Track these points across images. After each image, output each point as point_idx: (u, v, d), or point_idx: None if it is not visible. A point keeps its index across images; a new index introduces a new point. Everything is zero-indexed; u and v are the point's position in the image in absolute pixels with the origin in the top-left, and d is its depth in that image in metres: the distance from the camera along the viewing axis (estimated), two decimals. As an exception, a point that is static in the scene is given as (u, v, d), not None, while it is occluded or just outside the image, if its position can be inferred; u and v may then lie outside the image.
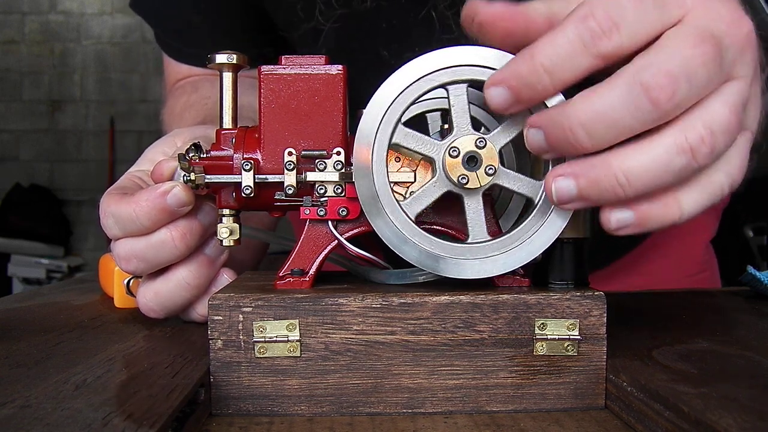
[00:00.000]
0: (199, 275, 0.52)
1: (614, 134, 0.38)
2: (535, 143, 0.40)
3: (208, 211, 0.51)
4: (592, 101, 0.38)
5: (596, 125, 0.38)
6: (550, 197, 0.40)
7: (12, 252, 3.82)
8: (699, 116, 0.38)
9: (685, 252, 0.93)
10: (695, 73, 0.37)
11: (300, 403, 0.42)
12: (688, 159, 0.37)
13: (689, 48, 0.37)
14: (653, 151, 0.38)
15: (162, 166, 0.51)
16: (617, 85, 0.37)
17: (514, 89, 0.39)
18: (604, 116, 0.37)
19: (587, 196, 0.39)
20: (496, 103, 0.40)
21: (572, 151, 0.39)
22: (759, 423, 0.32)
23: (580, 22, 0.38)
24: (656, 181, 0.38)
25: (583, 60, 0.38)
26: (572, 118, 0.38)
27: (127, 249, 0.51)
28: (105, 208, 0.51)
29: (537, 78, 0.39)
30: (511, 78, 0.39)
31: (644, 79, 0.37)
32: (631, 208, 0.39)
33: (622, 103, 0.37)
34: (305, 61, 0.46)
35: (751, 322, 0.57)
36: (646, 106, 0.37)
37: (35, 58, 4.12)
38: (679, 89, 0.37)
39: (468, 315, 0.42)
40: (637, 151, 0.38)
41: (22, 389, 0.38)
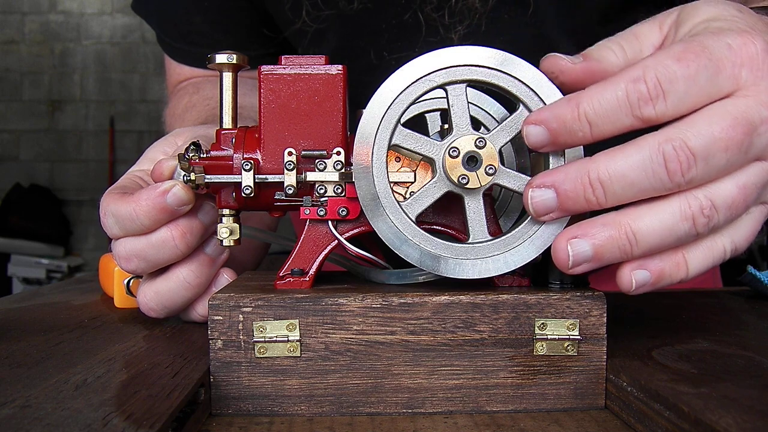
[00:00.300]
0: (200, 274, 0.52)
1: (629, 194, 0.39)
2: (541, 204, 0.41)
3: (209, 210, 0.51)
4: (615, 160, 0.39)
5: (614, 184, 0.39)
6: (564, 261, 0.41)
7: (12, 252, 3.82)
8: (706, 188, 0.39)
9: None
10: (715, 156, 0.38)
11: (300, 403, 0.42)
12: (689, 226, 0.39)
13: (718, 131, 0.38)
14: (660, 214, 0.39)
15: (162, 165, 0.50)
16: (641, 149, 0.39)
17: (553, 132, 0.41)
18: (624, 176, 0.39)
19: (601, 255, 0.40)
20: (533, 141, 0.41)
21: (584, 207, 0.40)
22: (759, 423, 0.32)
23: (631, 82, 0.39)
24: (662, 242, 0.40)
25: (625, 119, 0.39)
26: (593, 174, 0.39)
27: (127, 248, 0.51)
28: (105, 207, 0.51)
29: (578, 126, 0.40)
30: (553, 121, 0.40)
31: (667, 150, 0.38)
32: (647, 269, 0.41)
33: (641, 169, 0.38)
34: (305, 62, 0.46)
35: (751, 322, 0.57)
36: (662, 175, 0.38)
37: (35, 58, 4.13)
38: (695, 168, 0.38)
39: (468, 315, 0.42)
40: (645, 213, 0.39)
41: (22, 389, 0.38)
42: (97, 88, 4.15)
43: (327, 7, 0.71)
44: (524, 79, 0.43)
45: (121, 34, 4.14)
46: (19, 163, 4.14)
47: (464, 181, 0.43)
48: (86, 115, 4.16)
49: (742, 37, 0.40)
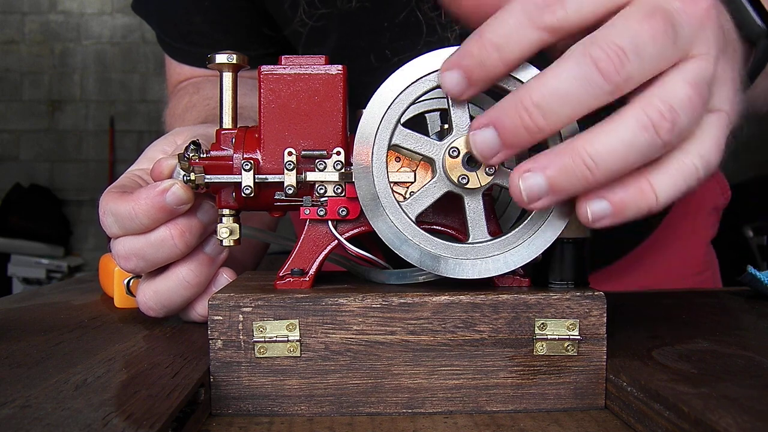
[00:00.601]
0: (199, 274, 0.52)
1: (569, 111, 0.38)
2: (484, 144, 0.39)
3: (208, 210, 0.51)
4: (545, 79, 0.38)
5: (551, 103, 0.37)
6: (519, 198, 0.39)
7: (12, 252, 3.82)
8: (657, 92, 0.38)
9: (686, 252, 0.93)
10: (644, 46, 0.37)
11: (300, 403, 0.42)
12: (651, 135, 0.37)
13: (637, 23, 0.37)
14: (617, 130, 0.37)
15: (161, 164, 0.50)
16: (568, 60, 0.37)
17: (466, 69, 0.39)
18: (558, 92, 0.37)
19: (558, 186, 0.38)
20: (450, 87, 0.40)
21: (527, 138, 0.38)
22: (759, 423, 0.32)
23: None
24: (624, 161, 0.38)
25: (529, 33, 0.38)
26: (525, 99, 0.38)
27: (126, 247, 0.51)
28: (104, 206, 0.51)
29: (486, 55, 0.39)
30: (461, 58, 0.39)
31: (593, 52, 0.37)
32: (605, 198, 0.39)
33: (574, 78, 0.37)
34: (305, 62, 0.46)
35: (751, 322, 0.57)
36: (597, 79, 0.37)
37: (35, 58, 4.13)
38: (627, 61, 0.37)
39: (468, 315, 0.42)
40: (601, 133, 0.38)
41: (22, 389, 0.38)
42: (97, 88, 4.16)
43: (324, 5, 0.71)
44: (524, 78, 0.43)
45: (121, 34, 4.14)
46: (19, 163, 4.14)
47: (464, 181, 0.43)
48: (86, 115, 4.16)
49: None
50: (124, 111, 4.15)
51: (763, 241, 2.94)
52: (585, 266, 0.46)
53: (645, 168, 0.39)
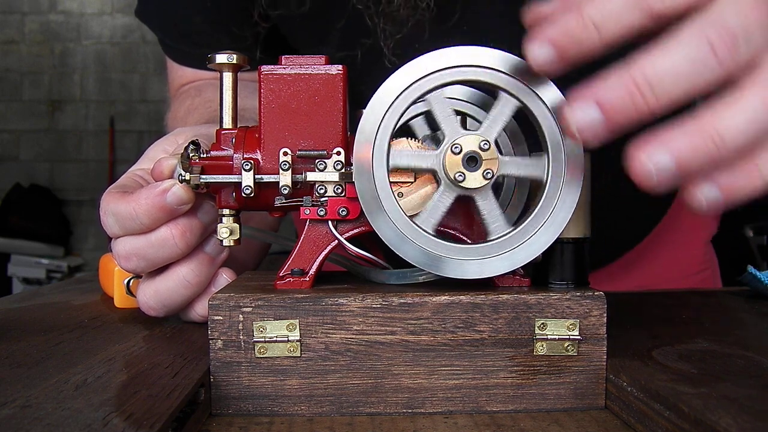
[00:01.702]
0: (200, 273, 0.52)
1: (680, 91, 0.37)
2: (586, 122, 0.37)
3: (208, 209, 0.51)
4: (657, 56, 0.37)
5: (664, 80, 0.36)
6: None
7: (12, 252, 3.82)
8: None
9: (685, 251, 0.93)
10: (753, 33, 0.37)
11: (300, 403, 0.42)
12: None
13: (749, 9, 0.37)
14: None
15: (162, 163, 0.50)
16: (683, 39, 0.36)
17: (560, 46, 0.38)
18: (671, 70, 0.36)
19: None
20: (539, 61, 0.38)
21: (635, 116, 0.37)
22: (759, 423, 0.32)
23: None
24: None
25: (634, 16, 0.37)
26: (638, 76, 0.36)
27: (127, 247, 0.51)
28: (105, 206, 0.51)
29: (586, 34, 0.37)
30: (557, 34, 0.38)
31: (710, 34, 0.36)
32: (714, 182, 0.38)
33: (689, 58, 0.36)
34: (305, 61, 0.46)
35: (751, 322, 0.57)
36: (711, 61, 0.36)
37: (35, 58, 4.12)
38: (739, 46, 0.36)
39: (468, 315, 0.42)
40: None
41: (22, 389, 0.38)
42: (97, 88, 4.15)
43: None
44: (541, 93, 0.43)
45: (121, 34, 4.14)
46: (19, 163, 4.14)
47: (460, 178, 0.43)
48: (86, 115, 4.16)
49: None
50: (124, 111, 4.15)
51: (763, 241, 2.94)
52: (585, 266, 0.46)
53: (750, 152, 0.38)
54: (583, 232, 0.46)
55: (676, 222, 0.91)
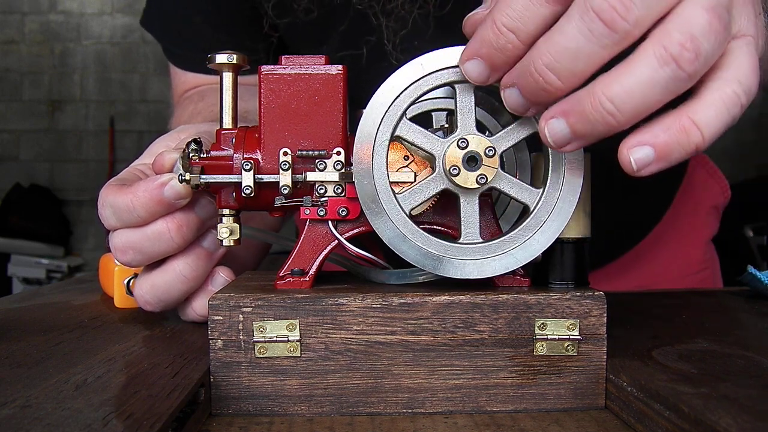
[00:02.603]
0: (196, 268, 0.52)
1: (583, 66, 0.37)
2: (513, 102, 0.40)
3: (206, 205, 0.51)
4: (551, 39, 0.37)
5: (562, 61, 0.37)
6: (546, 141, 0.39)
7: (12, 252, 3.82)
8: (673, 24, 0.36)
9: (684, 251, 0.93)
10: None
11: (300, 403, 0.42)
12: (673, 69, 0.35)
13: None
14: (635, 70, 0.36)
15: (163, 156, 0.51)
16: (571, 17, 0.36)
17: (486, 57, 0.39)
18: (566, 51, 0.36)
19: (581, 132, 0.37)
20: (474, 76, 0.40)
21: (549, 97, 0.38)
22: (759, 423, 0.32)
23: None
24: (647, 100, 0.36)
25: (542, 9, 0.37)
26: (537, 62, 0.37)
27: (123, 240, 0.51)
28: (103, 198, 0.51)
29: (504, 39, 0.38)
30: (479, 47, 0.39)
31: (594, 3, 0.35)
32: (647, 143, 0.37)
33: (579, 34, 0.36)
34: (305, 61, 0.46)
35: (751, 322, 0.57)
36: (603, 30, 0.35)
37: (35, 58, 4.12)
38: (632, 5, 0.35)
39: (468, 315, 0.42)
40: (619, 75, 0.36)
41: (22, 389, 0.38)
42: (97, 88, 4.15)
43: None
44: None
45: (121, 34, 4.13)
46: (19, 163, 4.14)
47: (455, 172, 0.43)
48: (86, 115, 4.16)
49: None
50: (124, 111, 4.15)
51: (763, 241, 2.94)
52: (585, 266, 0.46)
53: (684, 104, 0.37)
54: (583, 232, 0.46)
55: (675, 222, 0.91)
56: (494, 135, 0.43)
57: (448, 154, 0.43)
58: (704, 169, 0.96)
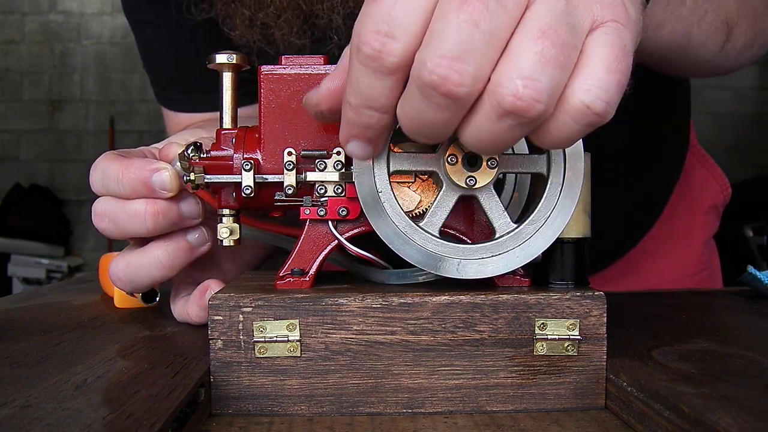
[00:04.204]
0: (174, 258, 0.52)
1: (440, 130, 0.37)
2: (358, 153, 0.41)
3: (192, 204, 0.51)
4: (405, 112, 0.36)
5: (422, 130, 0.37)
6: None
7: (12, 252, 3.82)
8: (504, 71, 0.34)
9: (681, 255, 0.92)
10: (471, 38, 0.33)
11: (300, 403, 0.42)
12: (513, 118, 0.34)
13: (453, 14, 0.33)
14: (478, 122, 0.35)
15: (171, 147, 0.52)
16: (412, 92, 0.35)
17: (360, 136, 0.39)
18: (423, 121, 0.36)
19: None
20: (361, 155, 0.41)
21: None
22: (759, 423, 0.32)
23: (357, 53, 0.36)
24: (499, 143, 0.36)
25: (385, 82, 0.36)
26: (407, 129, 0.37)
27: (105, 206, 0.51)
28: (98, 162, 0.52)
29: (366, 117, 0.38)
30: (350, 130, 0.39)
31: (427, 79, 0.34)
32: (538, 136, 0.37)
33: (426, 108, 0.35)
34: (305, 62, 0.46)
35: (751, 322, 0.57)
36: (445, 101, 0.35)
37: (35, 58, 4.12)
38: (465, 65, 0.33)
39: (468, 315, 0.42)
40: (468, 125, 0.36)
41: (22, 389, 0.38)
42: (97, 88, 4.15)
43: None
44: None
45: (121, 34, 4.13)
46: (19, 163, 4.14)
47: (472, 182, 0.43)
48: (86, 115, 4.16)
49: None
50: (124, 111, 4.15)
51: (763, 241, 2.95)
52: (585, 266, 0.46)
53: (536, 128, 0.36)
54: (583, 232, 0.46)
55: (669, 226, 0.91)
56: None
57: (451, 174, 0.43)
58: (704, 168, 0.96)
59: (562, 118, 0.36)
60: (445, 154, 0.43)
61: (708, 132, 3.80)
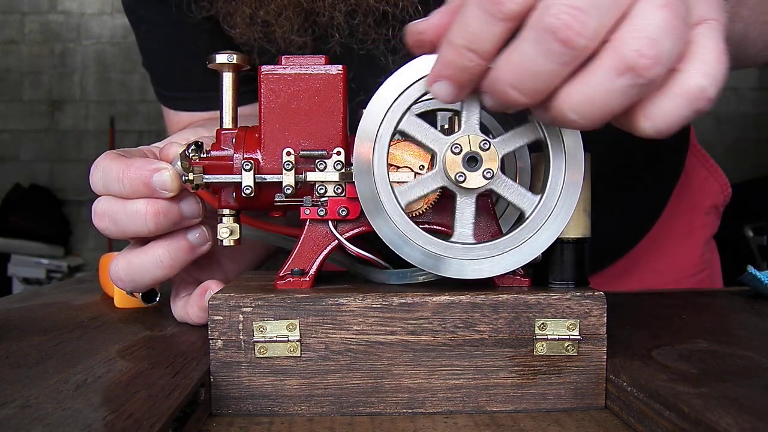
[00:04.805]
0: (175, 257, 0.52)
1: (544, 84, 0.37)
2: (485, 103, 0.40)
3: (192, 203, 0.51)
4: (510, 60, 0.37)
5: (524, 81, 0.37)
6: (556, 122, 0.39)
7: (12, 252, 3.82)
8: (628, 28, 0.35)
9: (680, 255, 0.92)
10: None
11: (300, 403, 0.42)
12: (630, 77, 0.35)
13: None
14: (593, 80, 0.36)
15: (171, 147, 0.52)
16: (526, 38, 0.36)
17: (451, 78, 0.40)
18: (527, 72, 0.36)
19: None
20: (443, 96, 0.40)
21: (517, 107, 0.39)
22: (759, 423, 0.32)
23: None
24: (607, 108, 0.36)
25: (496, 28, 0.37)
26: (500, 82, 0.38)
27: (104, 206, 0.51)
28: (98, 161, 0.52)
29: (466, 59, 0.38)
30: (443, 69, 0.39)
31: (549, 23, 0.35)
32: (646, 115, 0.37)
33: (538, 55, 0.36)
34: (305, 61, 0.46)
35: (751, 322, 0.57)
36: (561, 49, 0.35)
37: (35, 58, 4.12)
38: (587, 18, 0.35)
39: (468, 315, 0.42)
40: (579, 84, 0.36)
41: (22, 389, 0.38)
42: (97, 88, 4.15)
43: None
44: None
45: (121, 34, 4.13)
46: (19, 163, 4.14)
47: (461, 178, 0.43)
48: (86, 115, 4.16)
49: None
50: (124, 111, 4.15)
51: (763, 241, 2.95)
52: (585, 266, 0.46)
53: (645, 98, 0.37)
54: (583, 232, 0.46)
55: (670, 226, 0.91)
56: (496, 137, 0.43)
57: (448, 161, 0.43)
58: (704, 168, 0.96)
59: (674, 98, 0.37)
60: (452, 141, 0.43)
61: (708, 132, 3.80)
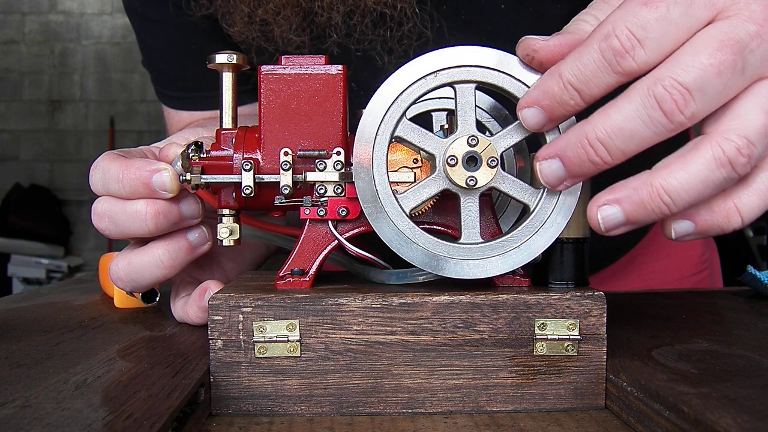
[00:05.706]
0: (175, 257, 0.52)
1: (633, 147, 0.38)
2: (551, 174, 0.41)
3: (192, 204, 0.51)
4: (609, 115, 0.38)
5: (615, 140, 0.38)
6: (597, 227, 0.40)
7: (12, 252, 3.82)
8: (731, 125, 0.38)
9: (680, 255, 0.92)
10: (710, 83, 0.37)
11: (300, 403, 0.42)
12: (728, 171, 0.38)
13: (706, 57, 0.37)
14: (692, 167, 0.38)
15: (170, 147, 0.52)
16: (632, 98, 0.38)
17: (547, 108, 0.41)
18: (621, 131, 0.38)
19: (635, 219, 0.39)
20: (532, 123, 0.42)
21: (593, 169, 0.40)
22: (759, 423, 0.32)
23: (603, 40, 0.38)
24: (700, 195, 0.38)
25: (609, 78, 0.39)
26: (590, 135, 0.39)
27: (104, 207, 0.51)
28: (98, 162, 0.52)
29: (568, 96, 0.40)
30: (542, 98, 0.40)
31: (657, 92, 0.37)
32: (691, 219, 0.40)
33: (637, 117, 0.37)
34: (305, 61, 0.46)
35: (751, 322, 0.57)
36: (660, 119, 0.37)
37: (35, 58, 4.12)
38: (691, 100, 0.37)
39: (468, 315, 0.42)
40: (676, 169, 0.38)
41: (22, 389, 0.38)
42: (97, 88, 4.15)
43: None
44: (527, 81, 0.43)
45: (121, 34, 4.13)
46: (19, 163, 4.14)
47: (473, 182, 0.43)
48: (86, 115, 4.16)
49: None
50: (124, 111, 4.15)
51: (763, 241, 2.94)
52: (585, 266, 0.46)
53: (730, 190, 0.39)
54: (583, 232, 0.46)
55: None
56: (494, 135, 0.43)
57: (452, 173, 0.43)
58: None
59: (760, 187, 0.40)
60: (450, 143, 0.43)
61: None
